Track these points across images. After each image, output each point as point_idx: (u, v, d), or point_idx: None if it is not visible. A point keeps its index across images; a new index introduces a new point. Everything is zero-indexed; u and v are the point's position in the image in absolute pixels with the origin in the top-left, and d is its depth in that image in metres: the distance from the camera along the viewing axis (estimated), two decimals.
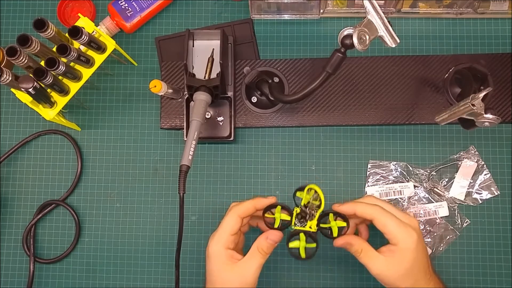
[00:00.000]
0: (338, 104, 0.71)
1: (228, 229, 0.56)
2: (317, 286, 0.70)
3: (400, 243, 0.54)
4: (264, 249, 0.56)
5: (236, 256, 0.56)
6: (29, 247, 0.72)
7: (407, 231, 0.55)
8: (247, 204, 0.57)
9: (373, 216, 0.56)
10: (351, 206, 0.57)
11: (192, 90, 0.65)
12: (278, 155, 0.73)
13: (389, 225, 0.55)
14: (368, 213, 0.56)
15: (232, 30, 0.74)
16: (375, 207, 0.56)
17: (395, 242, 0.55)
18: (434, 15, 0.74)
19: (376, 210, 0.56)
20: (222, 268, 0.55)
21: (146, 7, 0.74)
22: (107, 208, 0.73)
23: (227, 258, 0.55)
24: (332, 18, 0.75)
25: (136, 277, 0.72)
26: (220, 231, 0.56)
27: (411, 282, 0.54)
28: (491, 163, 0.71)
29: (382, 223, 0.55)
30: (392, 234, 0.55)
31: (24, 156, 0.75)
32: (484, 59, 0.70)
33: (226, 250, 0.55)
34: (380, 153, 0.72)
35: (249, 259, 0.55)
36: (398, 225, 0.55)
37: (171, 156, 0.74)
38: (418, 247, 0.55)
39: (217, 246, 0.56)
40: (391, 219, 0.55)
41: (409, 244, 0.54)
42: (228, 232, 0.56)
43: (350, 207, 0.57)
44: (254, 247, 0.56)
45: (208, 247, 0.56)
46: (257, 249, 0.55)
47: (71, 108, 0.75)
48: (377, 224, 0.55)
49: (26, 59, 0.60)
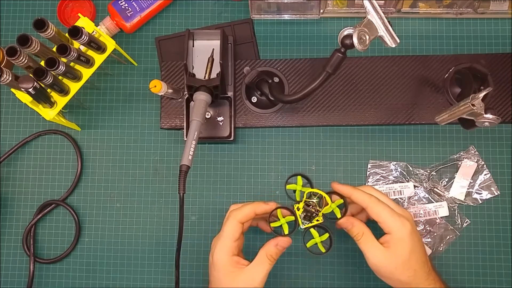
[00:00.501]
0: (338, 104, 0.71)
1: (231, 236, 0.56)
2: (317, 286, 0.70)
3: (394, 233, 0.55)
4: (273, 256, 0.56)
5: (242, 262, 0.56)
6: (29, 247, 0.72)
7: (401, 220, 0.55)
8: (247, 210, 0.57)
9: (367, 205, 0.56)
10: (349, 189, 0.58)
11: (192, 90, 0.65)
12: (278, 155, 0.73)
13: (382, 215, 0.55)
14: (363, 200, 0.57)
15: (232, 30, 0.74)
16: (371, 196, 0.57)
17: (388, 231, 0.55)
18: (434, 15, 0.74)
19: (371, 199, 0.56)
20: (229, 275, 0.55)
21: (146, 7, 0.74)
22: (107, 208, 0.73)
23: (233, 265, 0.55)
24: (332, 18, 0.75)
25: (136, 277, 0.72)
26: (223, 239, 0.56)
27: (410, 274, 0.55)
28: (491, 163, 0.71)
29: (375, 212, 0.56)
30: (386, 224, 0.55)
31: (24, 156, 0.75)
32: (484, 59, 0.70)
33: (231, 257, 0.55)
34: (380, 153, 0.72)
35: (257, 265, 0.55)
36: (391, 214, 0.55)
37: (171, 156, 0.74)
38: (413, 236, 0.55)
39: (222, 254, 0.55)
40: (384, 208, 0.56)
41: (403, 233, 0.55)
42: (231, 239, 0.56)
43: (347, 190, 0.58)
44: (263, 253, 0.55)
45: (213, 255, 0.56)
46: (265, 256, 0.55)
47: (71, 108, 0.75)
48: (371, 213, 0.56)
49: (26, 59, 0.60)
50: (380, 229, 0.57)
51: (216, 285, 0.56)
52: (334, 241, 0.58)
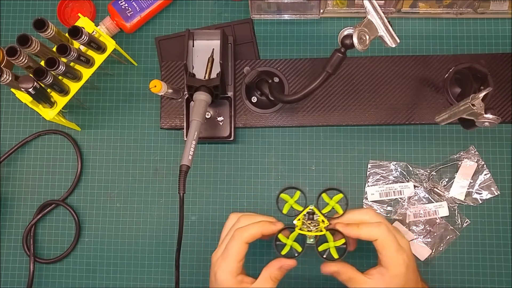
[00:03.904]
0: (338, 104, 0.71)
1: (236, 256, 0.54)
2: (317, 286, 0.70)
3: (391, 269, 0.53)
4: (278, 278, 0.54)
5: (245, 280, 0.55)
6: (29, 247, 0.72)
7: (402, 257, 0.53)
8: (254, 230, 0.55)
9: (378, 237, 0.54)
10: (355, 230, 0.54)
11: (192, 90, 0.65)
12: (278, 155, 0.73)
13: (388, 249, 0.53)
14: (374, 236, 0.54)
15: (232, 30, 0.74)
16: (380, 227, 0.54)
17: (386, 266, 0.53)
18: (434, 15, 0.74)
19: (382, 232, 0.54)
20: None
21: (146, 7, 0.74)
22: (107, 208, 0.73)
23: (237, 285, 0.54)
24: (332, 18, 0.75)
25: (136, 277, 0.72)
26: (228, 260, 0.54)
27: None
28: (491, 163, 0.71)
29: (382, 245, 0.53)
30: (387, 258, 0.53)
31: (24, 156, 0.75)
32: (484, 59, 0.70)
33: (236, 277, 0.54)
34: (380, 153, 0.72)
35: (261, 286, 0.54)
36: (396, 250, 0.53)
37: (171, 156, 0.74)
38: (409, 271, 0.54)
39: (227, 276, 0.54)
40: (392, 242, 0.53)
41: (399, 270, 0.53)
42: (236, 260, 0.54)
43: (354, 231, 0.54)
44: (266, 274, 0.54)
45: (216, 275, 0.55)
46: (269, 277, 0.54)
47: (71, 108, 0.75)
48: (378, 245, 0.54)
49: (26, 59, 0.60)
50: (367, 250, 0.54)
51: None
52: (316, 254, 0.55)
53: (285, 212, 0.56)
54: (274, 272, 0.54)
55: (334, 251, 0.54)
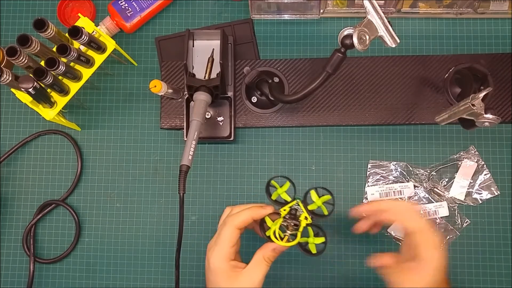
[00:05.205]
0: (338, 104, 0.71)
1: (228, 242, 0.55)
2: (317, 286, 0.70)
3: (428, 261, 0.55)
4: (271, 259, 0.55)
5: (239, 265, 0.55)
6: (29, 247, 0.72)
7: (440, 253, 0.55)
8: (244, 215, 0.56)
9: (422, 230, 0.56)
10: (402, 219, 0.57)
11: (192, 90, 0.65)
12: (278, 155, 0.73)
13: (429, 243, 0.55)
14: (417, 228, 0.56)
15: (232, 30, 0.74)
16: (422, 220, 0.56)
17: (425, 259, 0.55)
18: (434, 15, 0.74)
19: (425, 226, 0.56)
20: (227, 280, 0.54)
21: (146, 7, 0.74)
22: (107, 208, 0.73)
23: (231, 270, 0.55)
24: (332, 18, 0.75)
25: (136, 277, 0.72)
26: (220, 245, 0.55)
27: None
28: (491, 163, 0.71)
29: (423, 238, 0.55)
30: (427, 252, 0.55)
31: (24, 156, 0.75)
32: (484, 59, 0.70)
33: (229, 262, 0.55)
34: (380, 153, 0.72)
35: (255, 268, 0.55)
36: (436, 246, 0.55)
37: (171, 156, 0.74)
38: (443, 268, 0.55)
39: (219, 260, 0.55)
40: (433, 237, 0.55)
41: (439, 263, 0.55)
42: (228, 245, 0.55)
43: (401, 220, 0.57)
44: (260, 256, 0.55)
45: (209, 260, 0.55)
46: (262, 258, 0.55)
47: (71, 108, 0.75)
48: (417, 238, 0.55)
49: (26, 59, 0.60)
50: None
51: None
52: (327, 248, 0.57)
53: (274, 198, 0.58)
54: (268, 253, 0.55)
55: (313, 247, 0.56)
